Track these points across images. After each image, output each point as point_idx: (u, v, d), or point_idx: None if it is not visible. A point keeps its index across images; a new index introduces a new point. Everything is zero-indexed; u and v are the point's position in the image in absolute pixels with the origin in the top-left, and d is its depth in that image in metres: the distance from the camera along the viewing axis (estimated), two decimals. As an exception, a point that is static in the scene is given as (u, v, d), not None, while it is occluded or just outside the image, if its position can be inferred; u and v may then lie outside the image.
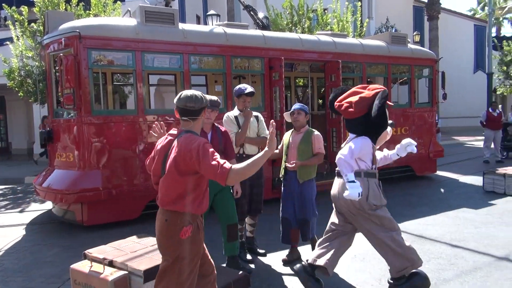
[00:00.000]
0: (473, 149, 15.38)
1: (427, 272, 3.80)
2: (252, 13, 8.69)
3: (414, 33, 19.62)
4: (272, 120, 2.51)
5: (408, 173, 8.80)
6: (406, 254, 3.24)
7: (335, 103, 3.55)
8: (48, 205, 6.94)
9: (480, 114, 11.82)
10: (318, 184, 7.45)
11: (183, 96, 2.46)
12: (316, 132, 4.21)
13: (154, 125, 2.79)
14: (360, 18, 14.19)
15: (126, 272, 2.99)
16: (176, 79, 7.98)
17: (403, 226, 5.39)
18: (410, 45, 8.95)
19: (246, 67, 7.34)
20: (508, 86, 20.71)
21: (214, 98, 3.77)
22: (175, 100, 2.49)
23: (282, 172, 4.27)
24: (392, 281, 3.36)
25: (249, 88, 4.14)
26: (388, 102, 3.31)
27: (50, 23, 5.96)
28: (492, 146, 11.45)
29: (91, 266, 3.08)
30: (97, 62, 5.85)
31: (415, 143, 3.63)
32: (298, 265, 3.50)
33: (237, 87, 4.25)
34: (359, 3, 14.48)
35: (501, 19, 40.47)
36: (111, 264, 3.09)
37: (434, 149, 9.01)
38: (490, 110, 11.38)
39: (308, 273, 3.40)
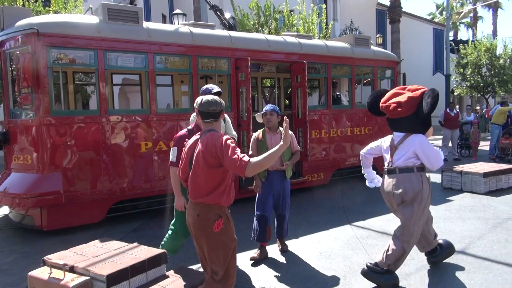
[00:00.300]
0: (432, 147, 16.01)
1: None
2: (218, 13, 8.65)
3: (377, 36, 20.20)
4: (285, 116, 2.78)
5: (372, 171, 9.03)
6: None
7: (381, 104, 3.83)
8: (4, 210, 6.62)
9: (439, 114, 12.33)
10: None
11: (204, 101, 2.73)
12: (290, 132, 4.30)
13: None
14: (325, 20, 14.44)
15: (88, 277, 2.90)
16: (141, 79, 7.82)
17: (367, 222, 5.55)
18: (373, 47, 9.21)
19: (212, 67, 7.30)
20: (464, 88, 21.75)
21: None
22: (196, 105, 2.76)
23: (265, 173, 4.34)
24: (429, 254, 3.93)
25: (216, 88, 4.12)
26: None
27: (6, 19, 5.68)
28: (450, 144, 11.98)
29: (50, 273, 2.96)
30: (57, 60, 5.64)
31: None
32: (364, 269, 3.62)
33: (204, 87, 4.22)
34: (324, 6, 14.73)
35: (458, 23, 42.42)
36: (72, 270, 2.99)
37: (396, 148, 9.29)
38: (448, 110, 11.90)
39: (377, 271, 3.55)
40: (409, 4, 64.50)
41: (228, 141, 2.59)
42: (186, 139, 3.14)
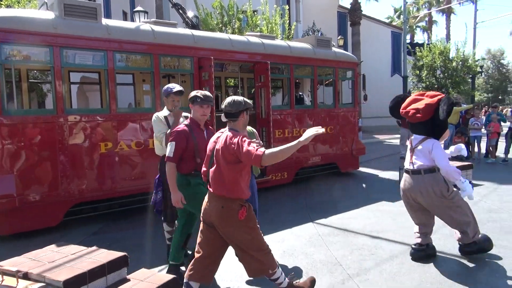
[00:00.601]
0: (391, 146, 16.61)
1: (350, 263, 4.06)
2: (181, 11, 8.55)
3: (338, 37, 20.68)
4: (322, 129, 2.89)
5: (334, 170, 9.26)
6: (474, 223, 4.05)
7: (401, 110, 4.18)
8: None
9: (397, 114, 12.78)
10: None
11: (225, 101, 3.01)
12: (253, 129, 4.44)
13: None
14: (288, 21, 14.62)
15: (43, 284, 2.78)
16: (101, 77, 7.59)
17: (329, 220, 5.68)
18: (334, 49, 9.42)
19: (175, 66, 7.20)
20: (420, 89, 22.65)
21: (207, 93, 3.65)
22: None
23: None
24: (464, 248, 4.09)
25: (177, 87, 4.08)
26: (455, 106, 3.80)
27: (-48, 13, 5.34)
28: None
29: (2, 280, 2.81)
30: (9, 57, 5.36)
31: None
32: (412, 252, 4.12)
33: (166, 86, 4.17)
34: (287, 7, 14.91)
35: (414, 27, 44.20)
36: (26, 276, 2.85)
37: (357, 147, 9.58)
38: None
39: (426, 251, 4.08)
40: (369, 8, 66.73)
41: (244, 138, 2.81)
42: (185, 135, 3.29)
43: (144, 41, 6.19)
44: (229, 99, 3.01)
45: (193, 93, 3.57)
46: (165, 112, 4.15)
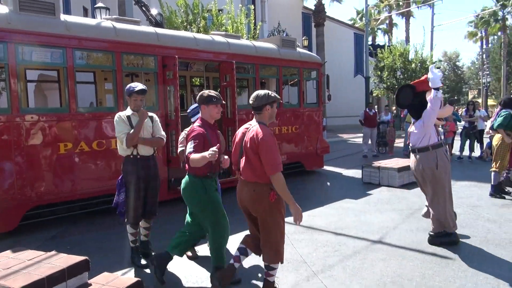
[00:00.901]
0: (354, 145, 17.05)
1: (315, 260, 4.13)
2: (144, 8, 8.39)
3: (303, 38, 20.96)
4: None
5: (299, 169, 9.39)
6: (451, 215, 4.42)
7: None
8: None
9: (359, 113, 13.16)
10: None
11: (251, 96, 3.25)
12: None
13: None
14: (253, 21, 14.67)
15: (-2, 291, 2.65)
16: (60, 75, 7.31)
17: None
18: (299, 49, 9.55)
19: (138, 65, 7.05)
20: (381, 89, 23.44)
21: (214, 93, 3.60)
22: None
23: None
24: (433, 233, 4.46)
25: (139, 86, 3.99)
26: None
27: None
28: (370, 142, 12.84)
29: (-48, 290, 2.66)
30: (-42, 53, 5.06)
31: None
32: (429, 238, 4.47)
33: (128, 85, 4.07)
34: (252, 7, 14.95)
35: (375, 29, 45.52)
36: (-22, 284, 2.71)
37: (321, 146, 9.76)
38: (367, 110, 12.74)
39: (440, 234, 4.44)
40: (332, 9, 68.20)
41: (266, 138, 3.03)
42: (203, 136, 3.40)
43: (105, 38, 6.02)
44: (254, 94, 3.25)
45: (206, 93, 3.57)
46: (128, 111, 4.06)
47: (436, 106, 4.32)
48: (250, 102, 3.25)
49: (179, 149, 4.30)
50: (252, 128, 3.18)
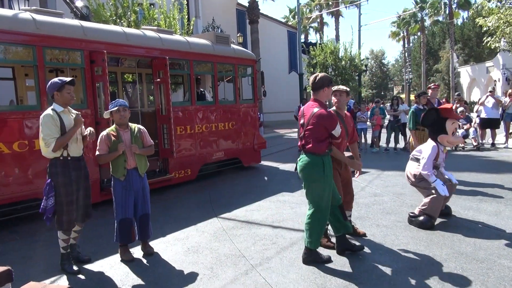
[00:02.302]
0: (290, 139, 17.51)
1: (253, 254, 4.19)
2: (68, 0, 7.88)
3: (238, 35, 21.06)
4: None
5: (237, 164, 9.45)
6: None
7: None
8: None
9: (294, 109, 13.53)
10: (151, 182, 7.32)
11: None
12: (141, 127, 4.34)
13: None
14: (187, 16, 14.41)
15: None
16: (-29, 71, 6.65)
17: (233, 214, 5.78)
18: (233, 46, 9.57)
19: (64, 60, 6.62)
20: (315, 85, 24.23)
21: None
22: None
23: (124, 171, 4.10)
24: (412, 214, 4.94)
25: (68, 78, 3.78)
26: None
27: None
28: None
29: None
30: None
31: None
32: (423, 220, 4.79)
33: (53, 81, 3.77)
34: (185, 1, 14.69)
35: (308, 27, 47.04)
36: None
37: (258, 141, 9.89)
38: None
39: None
40: (266, 7, 69.24)
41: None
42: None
43: (24, 31, 5.56)
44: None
45: (322, 76, 3.86)
46: (57, 108, 3.76)
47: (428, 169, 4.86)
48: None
49: (97, 152, 4.11)
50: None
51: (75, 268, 3.90)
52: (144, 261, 4.17)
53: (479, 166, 8.71)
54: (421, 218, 4.78)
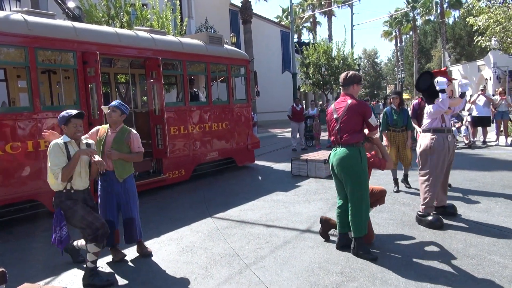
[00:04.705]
0: (284, 139, 17.55)
1: (247, 253, 4.22)
2: (60, 1, 7.84)
3: (231, 35, 21.07)
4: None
5: (231, 164, 9.47)
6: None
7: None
8: None
9: (287, 109, 13.58)
10: (145, 183, 7.34)
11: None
12: (133, 131, 4.22)
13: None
14: (179, 17, 14.39)
15: None
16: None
17: (227, 213, 5.81)
18: (226, 46, 9.58)
19: (56, 61, 6.61)
20: (308, 85, 24.35)
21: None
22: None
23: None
24: (420, 213, 4.91)
25: (75, 111, 3.63)
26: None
27: None
28: (298, 136, 13.31)
29: None
30: None
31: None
32: (431, 218, 4.77)
33: (61, 114, 3.62)
34: (178, 2, 14.67)
35: (300, 27, 47.12)
36: None
37: (252, 141, 9.93)
38: (294, 105, 13.19)
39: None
40: (259, 7, 69.33)
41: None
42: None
43: (16, 32, 5.54)
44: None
45: (352, 74, 4.10)
46: (65, 138, 3.62)
47: (444, 105, 4.76)
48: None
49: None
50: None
51: (108, 279, 3.69)
52: (139, 261, 4.18)
53: (470, 164, 8.82)
54: (430, 218, 4.79)
